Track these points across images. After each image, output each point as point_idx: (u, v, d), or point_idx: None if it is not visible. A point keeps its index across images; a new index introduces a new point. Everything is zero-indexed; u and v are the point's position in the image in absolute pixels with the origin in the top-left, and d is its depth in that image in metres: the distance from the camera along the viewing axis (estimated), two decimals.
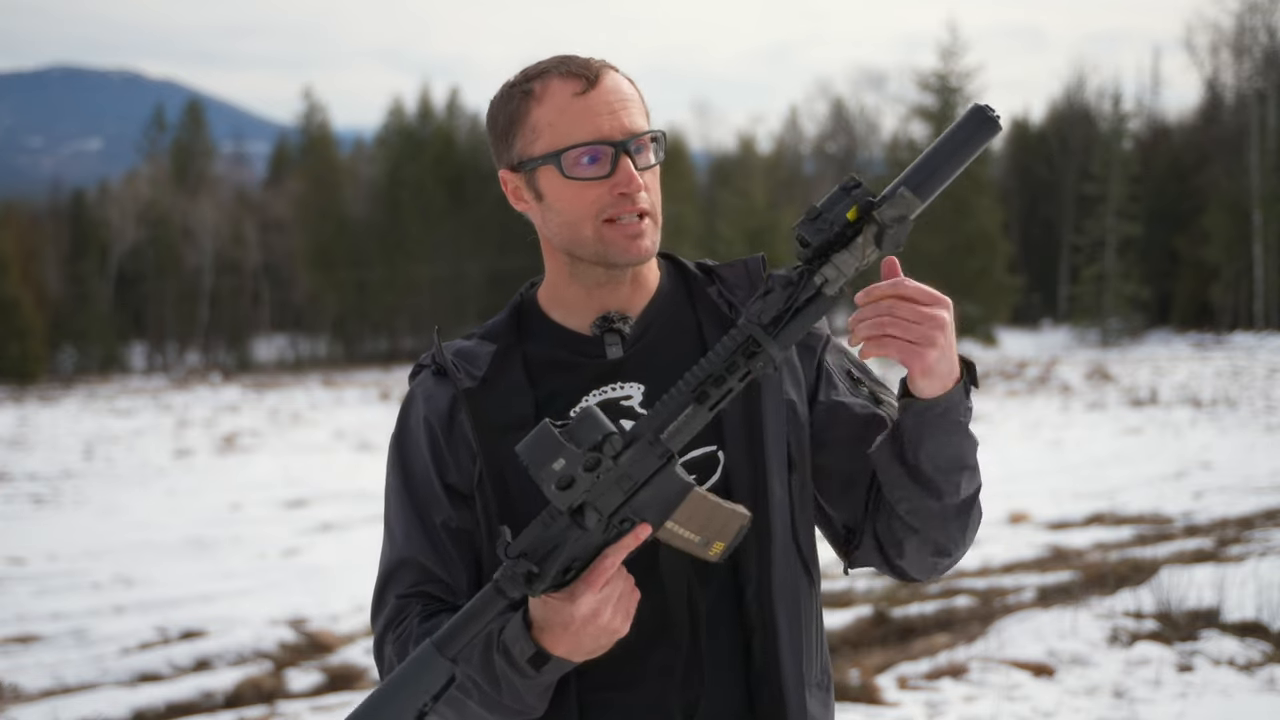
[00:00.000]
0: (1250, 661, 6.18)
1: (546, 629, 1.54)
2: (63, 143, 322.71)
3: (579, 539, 1.52)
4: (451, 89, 63.74)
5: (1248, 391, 24.33)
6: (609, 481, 1.51)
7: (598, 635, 1.53)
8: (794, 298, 1.51)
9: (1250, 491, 12.76)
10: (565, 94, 1.66)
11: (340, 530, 13.21)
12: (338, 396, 34.79)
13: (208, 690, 7.33)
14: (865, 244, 1.50)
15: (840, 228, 1.50)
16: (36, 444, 24.26)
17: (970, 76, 48.55)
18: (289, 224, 59.26)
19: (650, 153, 1.68)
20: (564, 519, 1.51)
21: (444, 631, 1.53)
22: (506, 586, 1.52)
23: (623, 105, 1.66)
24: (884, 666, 6.74)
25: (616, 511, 1.52)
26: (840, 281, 1.52)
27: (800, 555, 1.71)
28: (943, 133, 1.54)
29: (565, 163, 1.64)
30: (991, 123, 1.53)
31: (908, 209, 1.50)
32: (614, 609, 1.53)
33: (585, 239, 1.67)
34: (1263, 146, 44.97)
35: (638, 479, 1.52)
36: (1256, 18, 48.21)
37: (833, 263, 1.51)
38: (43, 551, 12.35)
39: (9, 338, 47.03)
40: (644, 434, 1.52)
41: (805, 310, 1.52)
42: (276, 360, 58.65)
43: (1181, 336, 45.21)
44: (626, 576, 1.55)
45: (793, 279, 1.52)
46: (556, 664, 1.55)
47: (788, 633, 1.66)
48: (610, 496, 1.51)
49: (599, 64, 1.69)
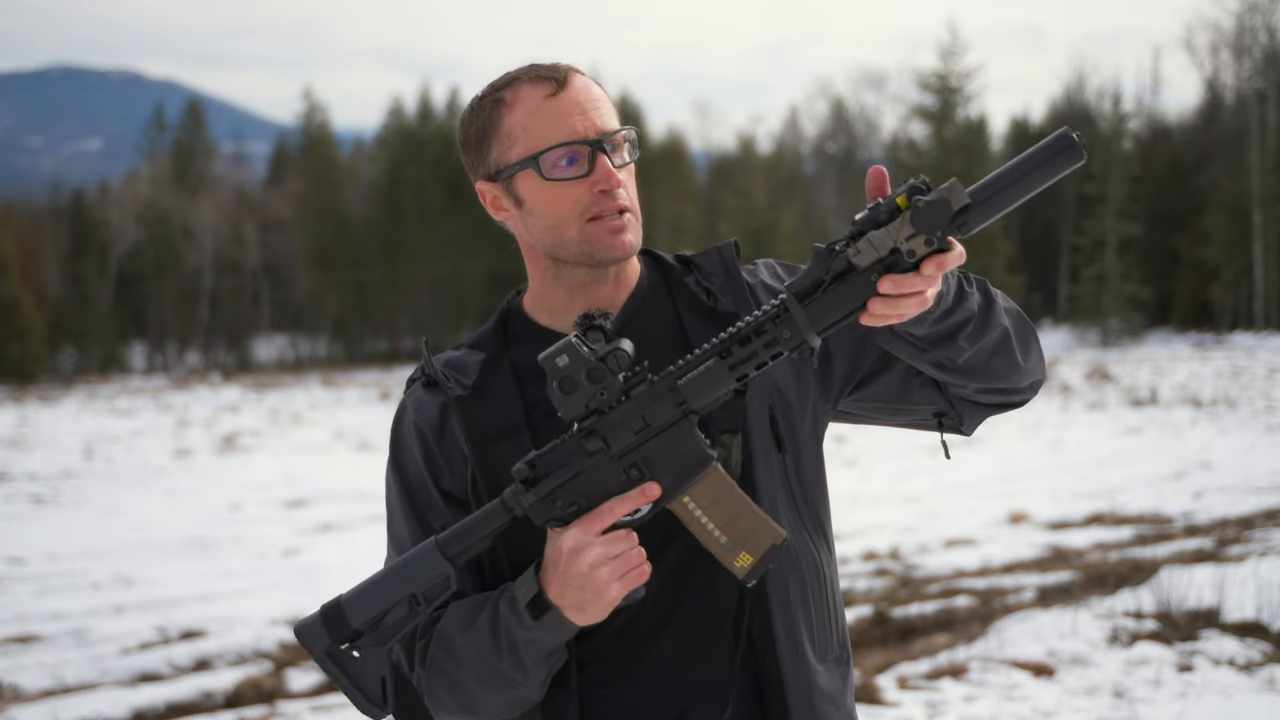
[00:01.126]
0: (1250, 661, 6.18)
1: (545, 567, 1.55)
2: (63, 143, 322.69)
3: (588, 472, 1.51)
4: (451, 89, 63.62)
5: (1248, 391, 24.33)
6: (620, 416, 1.50)
7: (583, 586, 1.51)
8: (827, 269, 1.48)
9: (1250, 491, 12.77)
10: (536, 98, 1.67)
11: (340, 530, 13.21)
12: (338, 396, 34.79)
13: (208, 690, 7.33)
14: (902, 224, 1.45)
15: (888, 212, 1.47)
16: (36, 444, 24.27)
17: (970, 76, 48.56)
18: (289, 224, 59.26)
19: (625, 151, 1.69)
20: (573, 440, 1.51)
21: (448, 533, 1.55)
22: (509, 498, 1.53)
23: (593, 105, 1.67)
24: (884, 666, 6.73)
25: (627, 454, 1.51)
26: (871, 255, 1.46)
27: (804, 530, 1.70)
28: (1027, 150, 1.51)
29: (544, 165, 1.65)
30: (1074, 150, 1.46)
31: (950, 195, 1.44)
32: (610, 566, 1.50)
33: (569, 240, 1.67)
34: (1263, 146, 44.96)
35: (651, 424, 1.50)
36: (1256, 18, 48.23)
37: (867, 238, 1.46)
38: (43, 551, 12.35)
39: (9, 338, 47.04)
40: (661, 378, 1.51)
41: (837, 287, 1.48)
42: (276, 360, 58.66)
43: (1181, 336, 45.21)
44: (636, 544, 1.53)
45: (828, 251, 1.49)
46: (554, 617, 1.53)
47: (781, 610, 1.64)
48: (621, 434, 1.50)
49: (566, 67, 1.70)
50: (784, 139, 64.92)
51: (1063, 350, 43.60)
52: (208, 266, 58.65)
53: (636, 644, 1.65)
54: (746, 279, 1.77)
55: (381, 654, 1.54)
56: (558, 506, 1.52)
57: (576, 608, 1.53)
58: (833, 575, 1.75)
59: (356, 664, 1.54)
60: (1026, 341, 1.70)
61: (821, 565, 1.72)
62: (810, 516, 1.72)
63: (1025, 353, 1.70)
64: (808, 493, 1.73)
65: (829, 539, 1.76)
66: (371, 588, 1.54)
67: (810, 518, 1.72)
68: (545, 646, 1.56)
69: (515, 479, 1.54)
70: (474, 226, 53.57)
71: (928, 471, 15.51)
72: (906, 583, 9.36)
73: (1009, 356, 1.67)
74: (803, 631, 1.67)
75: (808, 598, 1.68)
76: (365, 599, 1.54)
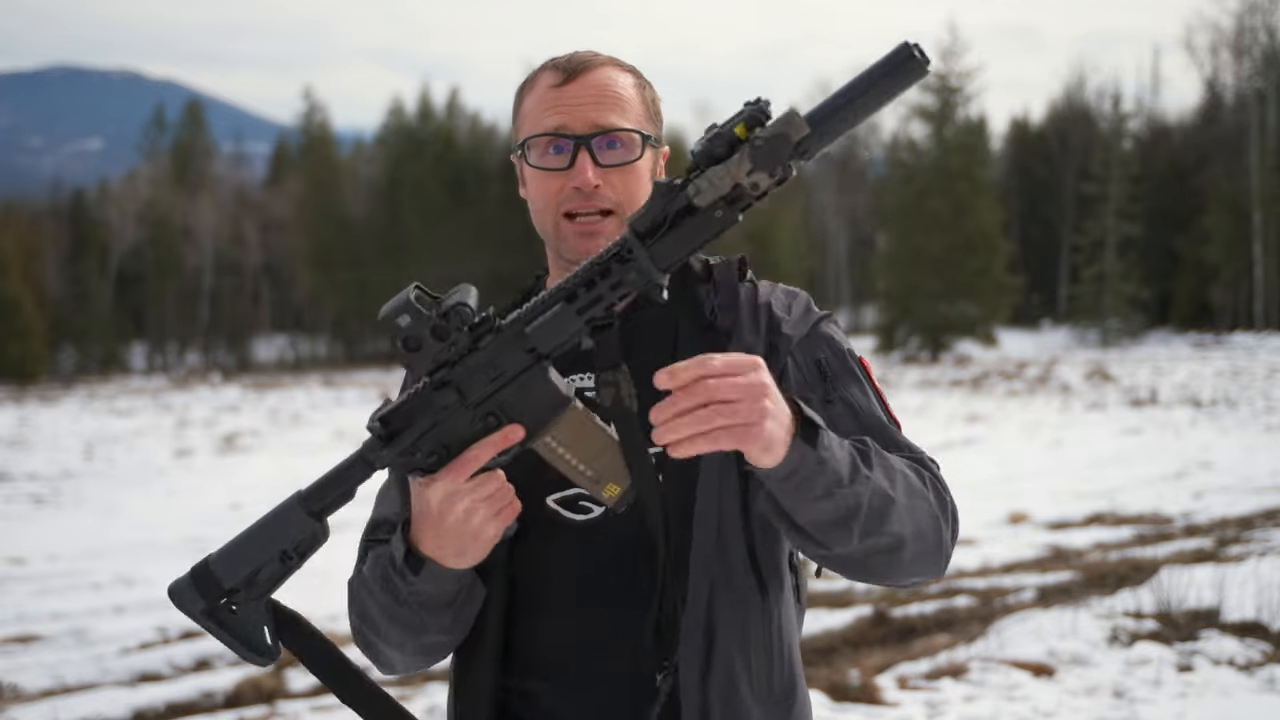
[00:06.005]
0: (1250, 661, 6.18)
1: (416, 520, 1.54)
2: (63, 143, 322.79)
3: (446, 422, 1.49)
4: (451, 89, 63.80)
5: (1248, 391, 24.32)
6: (472, 365, 1.48)
7: (460, 533, 1.50)
8: (667, 208, 1.42)
9: (1250, 491, 12.77)
10: (545, 85, 1.68)
11: (340, 530, 13.20)
12: (338, 396, 34.79)
13: (208, 690, 7.33)
14: (741, 160, 1.38)
15: (727, 143, 1.39)
16: (36, 444, 24.27)
17: (970, 76, 48.54)
18: (289, 224, 59.29)
19: (626, 150, 1.66)
20: (426, 392, 1.50)
21: (310, 487, 1.56)
22: (366, 450, 1.54)
23: (596, 100, 1.65)
24: (884, 666, 6.73)
25: (484, 403, 1.49)
26: (712, 194, 1.39)
27: (749, 560, 1.63)
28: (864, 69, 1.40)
29: (531, 151, 1.67)
30: (915, 64, 1.34)
31: (789, 127, 1.36)
32: (484, 509, 1.50)
33: (547, 230, 1.69)
34: (1263, 146, 44.98)
35: (505, 371, 1.48)
36: (1256, 18, 48.26)
37: (706, 174, 1.40)
38: (43, 551, 12.34)
39: (9, 338, 47.07)
40: (508, 325, 1.48)
41: (680, 226, 1.42)
42: (276, 360, 58.67)
43: (1181, 336, 45.23)
44: (504, 482, 1.50)
45: (669, 186, 1.42)
46: (431, 569, 1.54)
47: (691, 642, 1.58)
48: (476, 383, 1.48)
49: (590, 59, 1.69)
50: None
51: (1063, 350, 43.60)
52: (208, 266, 58.68)
53: (571, 650, 1.63)
54: (760, 298, 1.72)
55: (258, 606, 1.56)
56: (418, 458, 1.50)
57: (457, 553, 1.52)
58: (782, 612, 1.67)
59: (235, 618, 1.56)
60: (925, 547, 1.55)
61: (769, 601, 1.64)
62: (764, 543, 1.65)
63: (919, 559, 1.55)
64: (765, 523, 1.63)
65: (782, 574, 1.68)
66: (238, 547, 1.56)
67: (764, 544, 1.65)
68: (436, 596, 1.57)
69: (371, 433, 1.52)
70: (474, 226, 53.59)
71: None
72: None
73: (894, 562, 1.53)
74: (736, 666, 1.60)
75: (748, 634, 1.61)
76: (234, 558, 1.55)
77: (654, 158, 1.73)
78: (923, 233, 45.39)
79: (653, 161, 1.72)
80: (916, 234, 45.58)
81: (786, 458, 1.40)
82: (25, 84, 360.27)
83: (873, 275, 51.64)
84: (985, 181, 47.89)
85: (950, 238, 45.29)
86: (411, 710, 1.73)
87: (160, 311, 57.84)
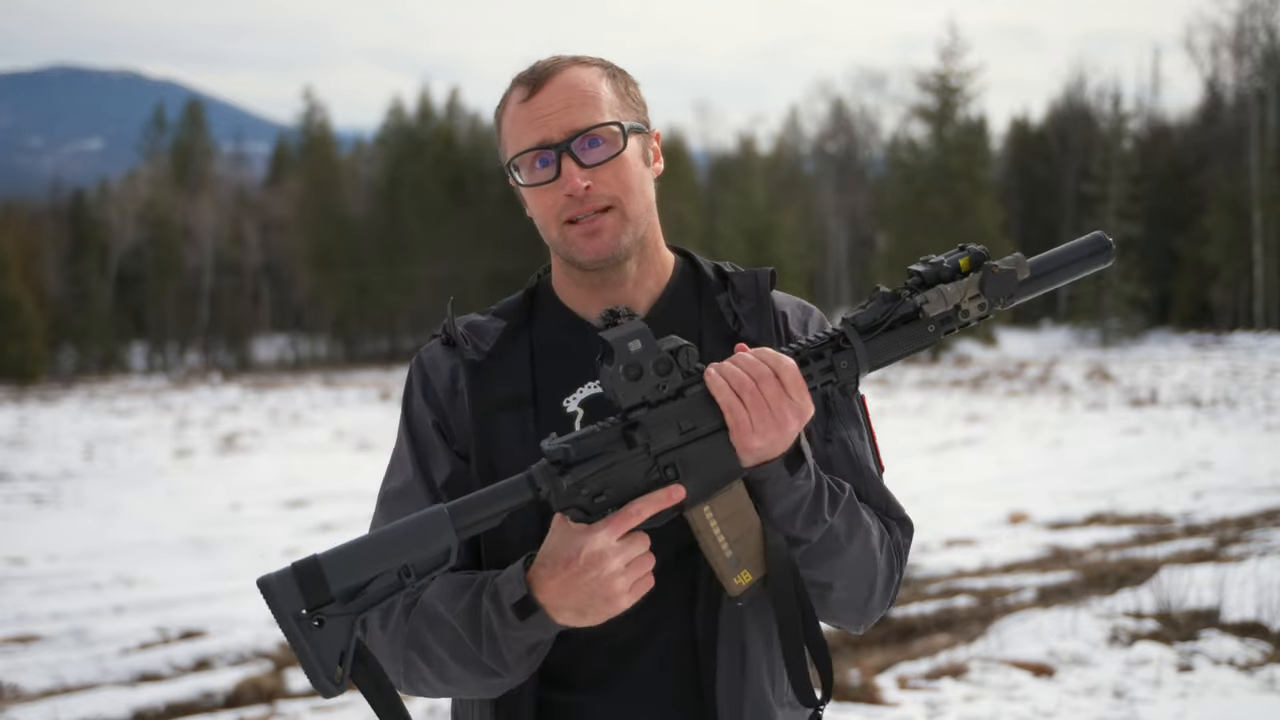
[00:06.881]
0: (1250, 661, 6.18)
1: (547, 562, 1.47)
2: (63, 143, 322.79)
3: (623, 464, 1.45)
4: (451, 89, 63.79)
5: (1248, 391, 24.32)
6: (669, 413, 1.46)
7: (593, 593, 1.44)
8: (891, 311, 1.53)
9: (1250, 491, 12.76)
10: (515, 102, 1.68)
11: (340, 530, 13.20)
12: (338, 396, 34.78)
13: (208, 690, 7.32)
14: (970, 283, 1.55)
15: (952, 270, 1.56)
16: (36, 444, 24.26)
17: (970, 76, 48.55)
18: (289, 224, 59.28)
19: (608, 145, 1.64)
20: (616, 428, 1.46)
21: (462, 502, 1.43)
22: (538, 476, 1.44)
23: (566, 105, 1.64)
24: (884, 666, 6.74)
25: (666, 454, 1.46)
26: (940, 306, 1.54)
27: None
28: (1067, 243, 1.66)
29: (520, 171, 1.67)
30: (1108, 252, 1.67)
31: (1019, 267, 1.57)
32: (626, 572, 1.45)
33: (554, 241, 1.69)
34: (1263, 146, 44.96)
35: (698, 426, 1.47)
36: (1256, 18, 48.24)
37: (938, 289, 1.54)
38: (43, 551, 12.34)
39: (9, 338, 47.05)
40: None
41: (900, 328, 1.53)
42: (276, 360, 58.65)
43: (1181, 336, 45.20)
44: (649, 552, 1.47)
45: (894, 295, 1.54)
46: (541, 618, 1.48)
47: (727, 650, 1.62)
48: (665, 432, 1.46)
49: (552, 65, 1.67)
50: (784, 139, 64.97)
51: (1063, 350, 43.60)
52: (208, 266, 58.66)
53: (607, 658, 1.63)
54: (776, 306, 1.75)
55: (346, 625, 1.36)
56: (582, 495, 1.44)
57: (577, 611, 1.47)
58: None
59: (318, 633, 1.36)
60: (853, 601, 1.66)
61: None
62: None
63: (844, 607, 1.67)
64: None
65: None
66: (358, 550, 1.39)
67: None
68: (528, 643, 1.51)
69: (547, 458, 1.44)
70: (474, 226, 53.59)
71: (928, 471, 15.51)
72: (906, 582, 9.35)
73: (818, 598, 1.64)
74: (764, 672, 1.64)
75: (772, 642, 1.65)
76: (349, 562, 1.38)
77: (642, 142, 1.70)
78: (923, 233, 45.38)
79: (642, 146, 1.70)
80: (916, 234, 45.59)
81: (766, 467, 1.51)
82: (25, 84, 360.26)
83: (873, 275, 51.62)
84: (985, 181, 47.91)
85: (950, 238, 45.27)
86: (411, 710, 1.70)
87: (160, 311, 57.81)
